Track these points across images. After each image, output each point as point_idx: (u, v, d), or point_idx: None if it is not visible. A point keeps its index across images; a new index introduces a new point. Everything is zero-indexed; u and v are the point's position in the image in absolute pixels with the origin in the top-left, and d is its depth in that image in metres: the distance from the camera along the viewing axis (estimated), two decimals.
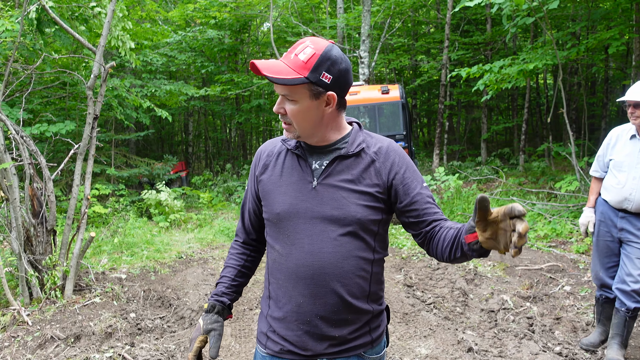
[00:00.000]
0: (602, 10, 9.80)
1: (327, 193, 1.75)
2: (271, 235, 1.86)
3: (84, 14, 6.49)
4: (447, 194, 9.30)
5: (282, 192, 1.80)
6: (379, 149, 1.80)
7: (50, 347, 4.21)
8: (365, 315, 1.81)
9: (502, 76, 9.15)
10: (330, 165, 1.77)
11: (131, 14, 13.51)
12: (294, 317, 1.78)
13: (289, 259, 1.78)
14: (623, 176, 3.76)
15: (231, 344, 4.52)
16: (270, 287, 1.87)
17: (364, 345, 1.82)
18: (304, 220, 1.75)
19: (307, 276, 1.74)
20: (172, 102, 15.47)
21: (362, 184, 1.75)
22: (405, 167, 1.80)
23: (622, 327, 3.82)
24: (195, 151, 23.41)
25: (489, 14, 15.86)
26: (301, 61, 1.66)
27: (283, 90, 1.68)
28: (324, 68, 1.67)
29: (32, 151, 5.14)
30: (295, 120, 1.72)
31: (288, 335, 1.79)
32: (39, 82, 9.41)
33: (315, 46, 1.68)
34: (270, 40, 15.33)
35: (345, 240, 1.74)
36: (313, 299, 1.75)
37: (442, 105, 15.88)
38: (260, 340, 1.90)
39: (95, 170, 11.20)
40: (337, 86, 1.71)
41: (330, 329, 1.76)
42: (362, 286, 1.78)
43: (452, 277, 5.93)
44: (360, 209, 1.73)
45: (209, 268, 6.73)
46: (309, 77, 1.65)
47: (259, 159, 1.93)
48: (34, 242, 5.08)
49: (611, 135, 3.96)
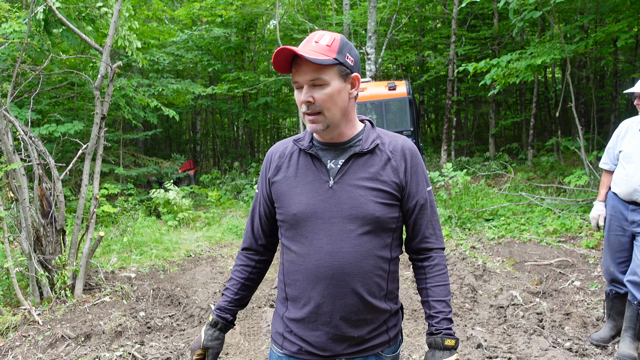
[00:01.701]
0: (610, 2, 9.70)
1: (344, 192, 1.74)
2: (287, 237, 1.83)
3: (91, 14, 6.52)
4: (455, 190, 9.27)
5: (297, 193, 1.78)
6: (394, 147, 1.81)
7: (60, 346, 4.24)
8: (383, 314, 1.81)
9: (510, 71, 9.09)
10: (346, 164, 1.76)
11: (138, 13, 13.56)
12: (314, 318, 1.76)
13: (307, 260, 1.76)
14: (632, 167, 3.74)
15: (240, 342, 4.53)
16: (286, 289, 1.85)
17: (381, 345, 1.82)
18: (322, 221, 1.74)
19: (326, 276, 1.73)
20: (179, 101, 15.51)
21: (380, 181, 1.75)
22: (417, 169, 1.83)
23: (634, 320, 3.78)
24: (203, 149, 23.48)
25: (495, 9, 15.75)
26: (325, 45, 1.69)
27: (313, 74, 1.67)
28: (347, 50, 1.72)
29: (41, 151, 5.16)
30: (325, 106, 1.70)
31: (307, 335, 1.78)
32: (47, 83, 9.46)
33: (330, 33, 1.73)
34: (276, 38, 15.32)
35: (365, 239, 1.73)
36: (333, 300, 1.74)
37: (449, 100, 15.83)
38: (276, 341, 1.89)
39: (104, 169, 11.25)
40: (357, 69, 1.77)
41: (350, 329, 1.76)
42: (380, 285, 1.78)
43: (461, 273, 5.91)
44: (379, 207, 1.73)
45: (218, 266, 6.74)
46: (337, 58, 1.68)
47: (270, 160, 1.90)
48: (43, 242, 5.11)
49: (621, 127, 3.95)
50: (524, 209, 8.86)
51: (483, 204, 9.32)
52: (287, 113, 22.38)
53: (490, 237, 7.31)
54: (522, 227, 7.69)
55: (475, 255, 6.57)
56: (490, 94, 12.01)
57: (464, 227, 8.17)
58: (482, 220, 8.43)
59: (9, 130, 4.93)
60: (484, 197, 9.99)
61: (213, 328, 1.95)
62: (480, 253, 6.69)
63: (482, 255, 6.59)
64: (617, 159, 3.94)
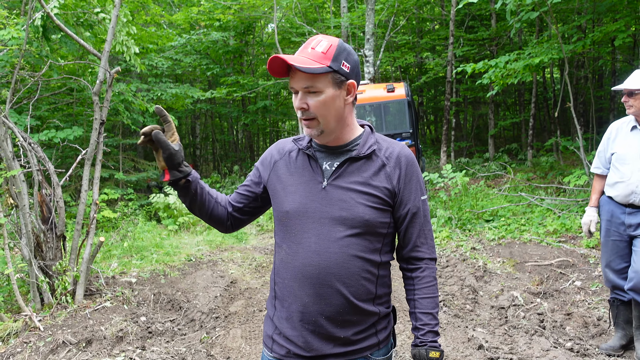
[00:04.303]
0: (607, 2, 9.71)
1: (336, 194, 1.76)
2: (279, 235, 1.87)
3: (89, 20, 6.53)
4: (454, 191, 9.28)
5: (292, 191, 1.82)
6: (390, 153, 1.82)
7: (62, 352, 4.23)
8: (371, 317, 1.81)
9: (508, 71, 9.10)
10: (340, 167, 1.79)
11: (136, 18, 13.56)
12: (299, 316, 1.78)
13: (295, 258, 1.78)
14: (627, 169, 3.66)
15: (241, 346, 4.53)
16: (276, 287, 1.88)
17: (370, 347, 1.82)
18: (312, 220, 1.77)
19: (312, 275, 1.75)
20: (178, 105, 15.52)
21: (372, 186, 1.76)
22: (411, 177, 1.83)
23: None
24: (202, 154, 23.48)
25: (493, 10, 15.77)
26: (320, 52, 1.70)
27: (306, 82, 1.70)
28: (343, 57, 1.73)
29: (40, 157, 5.17)
30: (319, 113, 1.73)
31: (293, 336, 1.79)
32: (46, 89, 9.48)
33: (329, 39, 1.74)
34: (274, 41, 15.35)
35: (352, 241, 1.74)
36: (318, 299, 1.75)
37: (448, 102, 15.84)
38: (266, 344, 1.91)
39: (103, 175, 11.25)
40: (354, 75, 1.77)
41: (335, 329, 1.77)
42: (367, 288, 1.78)
43: (462, 275, 5.91)
44: (369, 211, 1.75)
45: (219, 270, 6.74)
46: (331, 65, 1.70)
47: (270, 156, 1.94)
48: (44, 248, 5.11)
49: (611, 129, 3.87)
50: (524, 209, 8.86)
51: (483, 204, 9.33)
52: (286, 116, 22.39)
53: (491, 238, 7.31)
54: (522, 228, 7.69)
55: (476, 256, 6.57)
56: (489, 94, 12.03)
57: (464, 228, 8.17)
58: (482, 221, 8.43)
59: (8, 137, 4.93)
60: (484, 198, 10.00)
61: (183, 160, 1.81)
62: (480, 254, 6.69)
63: (482, 256, 6.59)
64: (610, 162, 3.84)
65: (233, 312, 5.34)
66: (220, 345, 4.57)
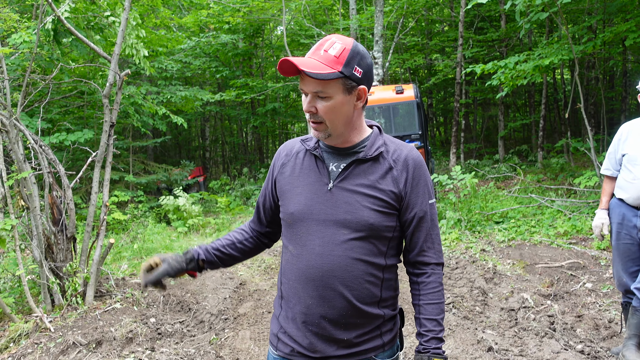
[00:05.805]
0: (618, 2, 9.65)
1: (341, 196, 1.74)
2: (286, 236, 1.86)
3: (99, 23, 6.58)
4: (463, 192, 9.24)
5: (297, 193, 1.80)
6: (398, 156, 1.79)
7: (72, 353, 4.26)
8: (375, 319, 1.80)
9: (518, 72, 9.05)
10: (347, 169, 1.76)
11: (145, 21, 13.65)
12: (303, 318, 1.78)
13: (300, 260, 1.78)
14: (639, 170, 3.62)
15: (250, 347, 4.54)
16: (282, 287, 1.88)
17: (374, 349, 1.80)
18: (317, 222, 1.75)
19: (316, 278, 1.74)
20: (188, 108, 15.61)
21: (378, 189, 1.74)
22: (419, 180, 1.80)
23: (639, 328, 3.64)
24: (212, 156, 23.57)
25: (502, 11, 15.71)
26: (333, 56, 1.65)
27: (316, 87, 1.66)
28: (356, 62, 1.67)
29: (51, 160, 5.21)
30: (327, 118, 1.70)
31: (297, 336, 1.79)
32: (57, 92, 9.55)
33: (342, 41, 1.68)
34: (284, 44, 15.38)
35: (356, 244, 1.73)
36: (321, 301, 1.74)
37: (457, 103, 15.79)
38: (271, 342, 1.92)
39: (114, 177, 11.33)
40: (366, 80, 1.72)
41: (338, 331, 1.75)
42: (372, 291, 1.77)
43: (471, 277, 5.88)
44: (374, 215, 1.73)
45: (228, 272, 6.76)
46: (342, 71, 1.65)
47: (278, 157, 1.94)
48: (54, 250, 5.15)
49: (622, 131, 3.80)
50: (534, 211, 8.80)
51: (493, 206, 9.28)
52: (296, 118, 22.41)
53: (501, 240, 7.27)
54: (532, 229, 7.64)
55: (486, 258, 6.53)
56: (499, 96, 11.97)
57: (473, 230, 8.13)
58: (492, 223, 8.39)
59: (19, 139, 4.98)
60: (494, 199, 9.95)
61: (183, 255, 1.97)
62: (490, 256, 6.66)
63: (492, 258, 6.56)
64: (620, 163, 3.78)
65: (242, 314, 5.35)
66: (229, 346, 4.58)
